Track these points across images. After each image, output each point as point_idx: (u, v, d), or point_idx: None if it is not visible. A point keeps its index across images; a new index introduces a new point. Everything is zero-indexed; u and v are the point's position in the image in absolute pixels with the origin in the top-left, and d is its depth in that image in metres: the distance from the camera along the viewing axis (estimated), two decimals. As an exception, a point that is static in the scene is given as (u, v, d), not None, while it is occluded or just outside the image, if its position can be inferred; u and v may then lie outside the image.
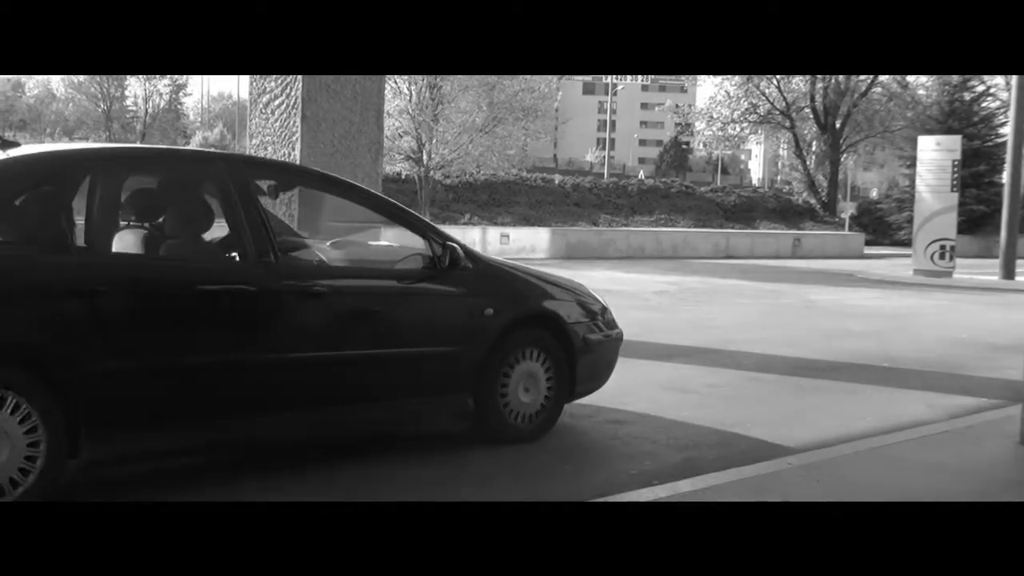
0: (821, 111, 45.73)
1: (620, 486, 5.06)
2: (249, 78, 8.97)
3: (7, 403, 4.19)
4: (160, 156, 6.23)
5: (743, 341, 10.76)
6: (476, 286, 5.77)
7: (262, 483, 5.06)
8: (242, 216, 5.06)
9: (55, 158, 5.07)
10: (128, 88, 76.68)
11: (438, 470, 5.45)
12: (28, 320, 4.33)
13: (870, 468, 5.48)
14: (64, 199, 4.65)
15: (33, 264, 4.43)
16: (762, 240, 33.60)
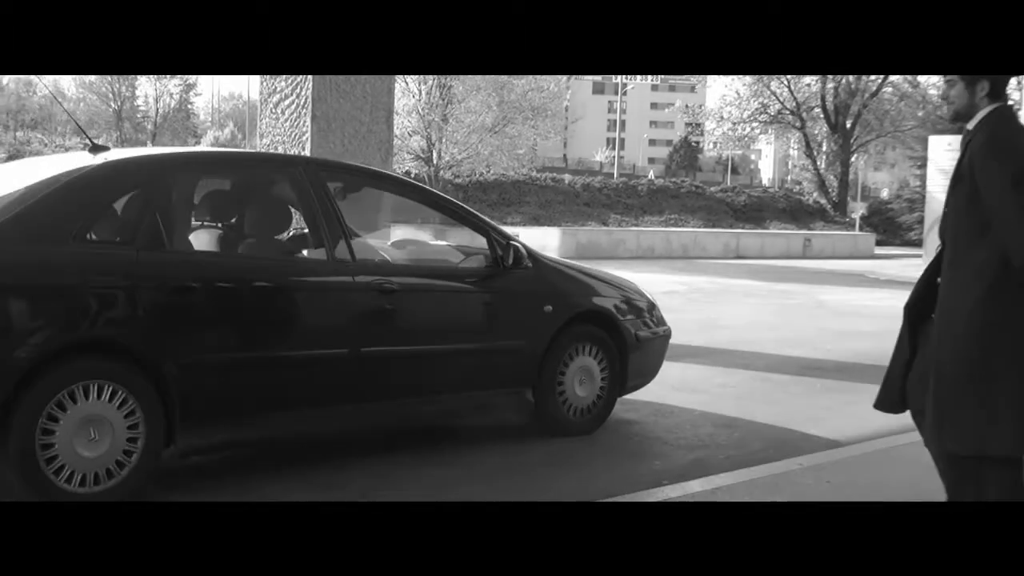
0: (832, 111, 45.61)
1: (632, 485, 5.05)
2: (259, 78, 8.98)
3: (110, 394, 4.44)
4: (244, 159, 6.53)
5: (754, 341, 10.73)
6: (536, 284, 6.01)
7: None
8: (320, 216, 5.31)
9: (149, 162, 5.31)
10: (139, 88, 76.96)
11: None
12: (128, 315, 4.60)
13: (881, 469, 5.47)
14: (158, 200, 4.87)
15: (131, 263, 4.64)
16: (772, 240, 33.51)
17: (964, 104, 3.79)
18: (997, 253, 3.58)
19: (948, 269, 3.80)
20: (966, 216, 3.70)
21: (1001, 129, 3.69)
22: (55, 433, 4.31)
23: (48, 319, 4.43)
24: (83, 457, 4.38)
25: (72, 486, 4.35)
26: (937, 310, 3.84)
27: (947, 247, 3.82)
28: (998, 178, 3.57)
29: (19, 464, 4.27)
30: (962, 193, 3.71)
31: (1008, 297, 3.60)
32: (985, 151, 3.64)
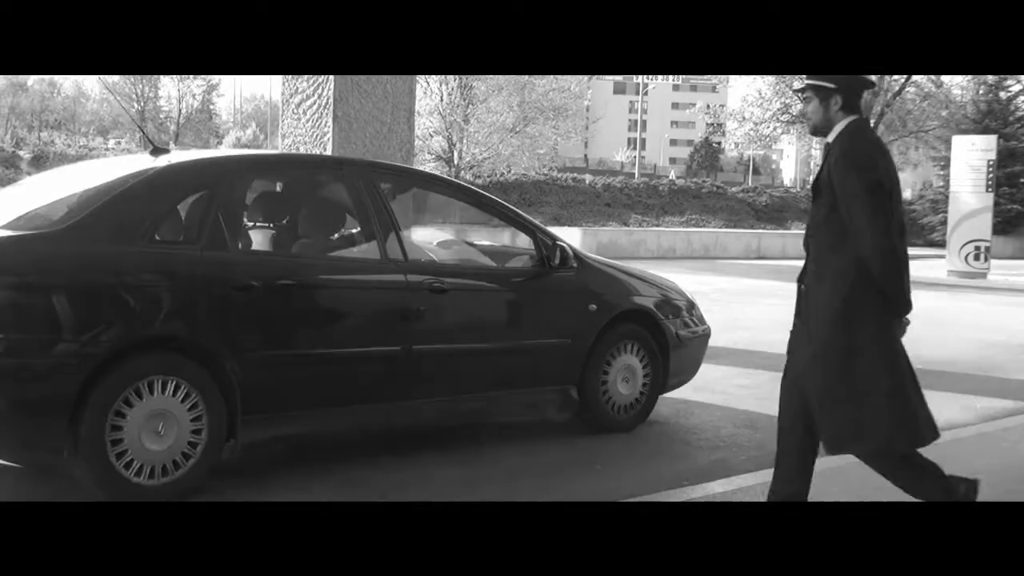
0: (854, 111, 45.42)
1: (653, 486, 5.05)
2: (281, 79, 9.01)
3: (175, 389, 4.59)
4: (301, 161, 6.65)
5: (775, 342, 10.62)
6: (581, 283, 6.14)
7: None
8: (374, 216, 5.45)
9: (211, 164, 5.46)
10: (162, 89, 77.36)
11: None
12: (192, 313, 4.74)
13: (903, 471, 5.43)
14: (220, 201, 4.99)
15: (196, 262, 4.78)
16: (794, 241, 33.29)
17: (820, 119, 3.98)
18: (856, 261, 3.79)
19: (811, 278, 4.00)
20: (827, 226, 3.90)
21: (856, 142, 3.88)
22: (123, 427, 4.46)
23: (118, 317, 4.56)
24: (150, 450, 4.53)
25: (140, 479, 4.50)
26: (802, 318, 4.08)
27: (810, 256, 4.02)
28: (853, 190, 3.76)
29: (90, 457, 4.40)
30: (823, 204, 3.89)
31: (866, 303, 3.82)
32: (842, 164, 3.82)
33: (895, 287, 3.82)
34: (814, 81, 4.01)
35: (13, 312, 4.30)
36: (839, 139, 3.93)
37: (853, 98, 3.99)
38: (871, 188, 3.77)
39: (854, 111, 3.99)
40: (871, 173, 3.81)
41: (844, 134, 3.94)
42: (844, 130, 3.95)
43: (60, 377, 4.34)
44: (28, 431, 4.43)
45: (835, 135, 3.95)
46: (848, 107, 3.97)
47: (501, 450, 5.88)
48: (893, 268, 3.79)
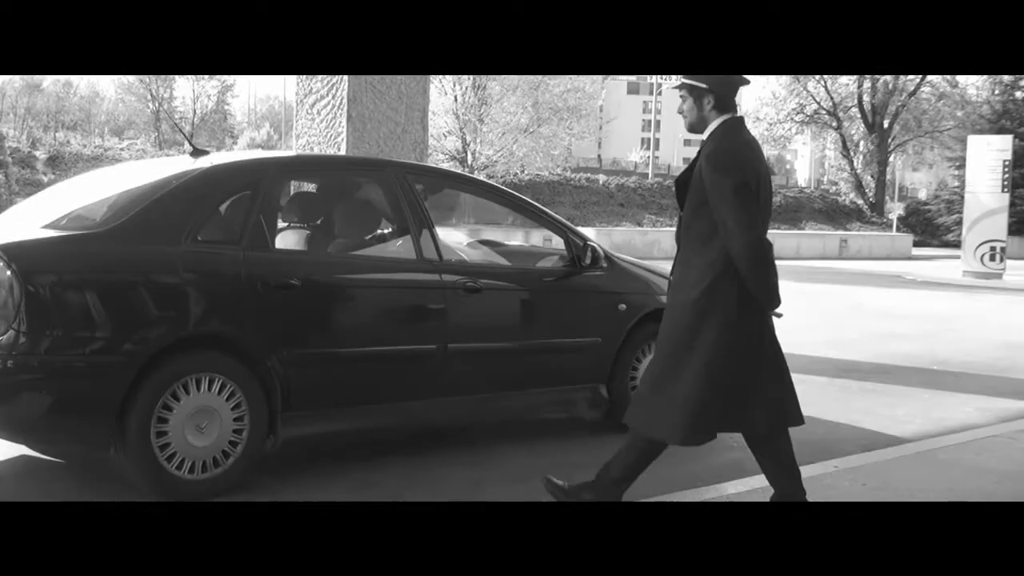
0: (869, 111, 45.22)
1: (667, 487, 5.03)
2: (295, 79, 9.02)
3: (219, 386, 4.70)
4: (339, 162, 6.70)
5: (789, 343, 10.58)
6: (611, 283, 6.22)
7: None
8: (410, 217, 5.54)
9: (252, 165, 5.54)
10: (177, 89, 77.55)
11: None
12: (235, 312, 4.83)
13: (917, 472, 5.42)
14: (261, 202, 5.10)
15: (238, 262, 4.86)
16: (808, 241, 33.30)
17: (695, 118, 4.18)
18: (723, 256, 3.98)
19: (679, 267, 4.18)
20: (696, 220, 4.07)
21: (726, 142, 4.04)
22: (169, 422, 4.56)
23: (164, 316, 4.66)
24: (194, 446, 4.63)
25: (183, 473, 4.61)
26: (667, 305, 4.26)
27: (680, 248, 4.19)
28: (721, 188, 3.94)
29: (136, 453, 4.50)
30: (694, 199, 4.06)
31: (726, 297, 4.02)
32: (711, 162, 3.99)
33: (761, 282, 4.03)
34: (688, 81, 4.15)
35: (61, 311, 4.39)
36: (711, 137, 4.09)
37: (726, 97, 4.13)
38: (737, 188, 3.93)
39: (728, 109, 4.13)
40: (738, 173, 3.96)
41: (717, 132, 4.09)
42: (717, 128, 4.10)
43: (108, 374, 4.43)
44: (76, 427, 4.53)
45: (709, 133, 4.12)
46: (721, 106, 4.12)
47: (513, 451, 5.88)
48: (759, 265, 3.99)
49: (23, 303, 4.27)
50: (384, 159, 7.59)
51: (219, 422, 4.70)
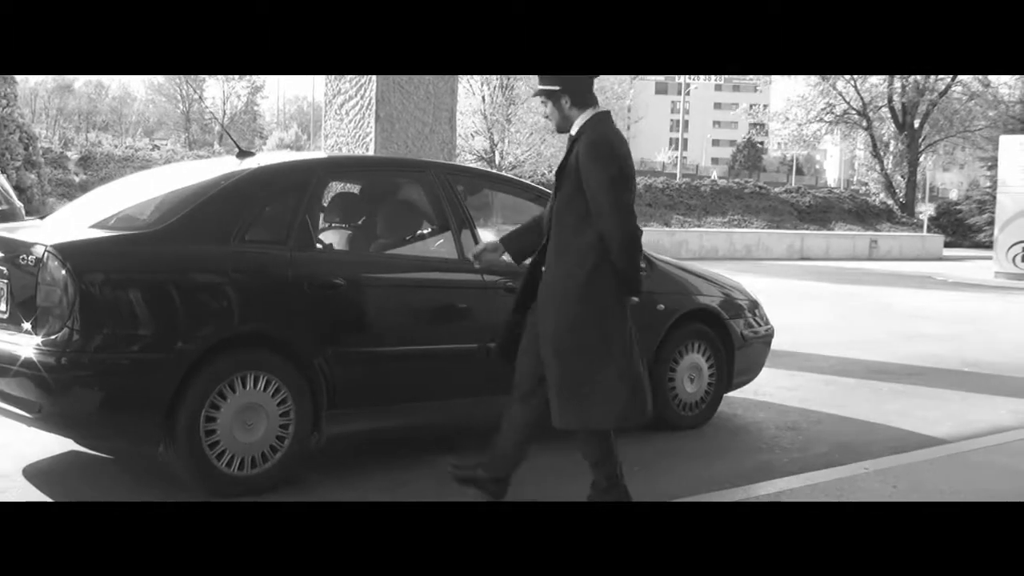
0: (899, 110, 44.84)
1: (694, 489, 5.02)
2: (324, 80, 9.05)
3: (265, 384, 4.76)
4: (382, 164, 6.78)
5: (818, 344, 10.61)
6: (650, 283, 6.14)
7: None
8: (452, 218, 5.61)
9: (298, 166, 5.59)
10: (207, 90, 78.09)
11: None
12: (282, 311, 4.90)
13: (948, 474, 5.38)
14: (308, 203, 5.18)
15: (285, 262, 4.94)
16: (838, 241, 33.09)
17: (558, 119, 4.37)
18: (597, 242, 4.16)
19: (554, 255, 4.29)
20: (569, 210, 4.24)
21: (600, 135, 4.22)
22: (217, 419, 4.63)
23: (212, 314, 4.73)
24: (241, 443, 4.70)
25: (231, 469, 4.68)
26: (542, 294, 4.33)
27: (553, 236, 4.32)
28: (598, 178, 4.14)
29: (186, 449, 4.57)
30: (568, 188, 4.23)
31: (606, 281, 4.19)
32: (588, 154, 4.17)
33: (634, 268, 4.24)
34: (542, 87, 4.35)
35: (113, 309, 4.46)
36: (584, 131, 4.25)
37: (581, 94, 4.31)
38: (615, 177, 4.16)
39: (588, 104, 4.31)
40: (617, 162, 4.19)
41: (587, 127, 4.25)
42: (587, 123, 4.27)
43: (158, 372, 4.51)
44: (126, 423, 4.61)
45: (577, 128, 4.28)
46: (580, 102, 4.30)
47: (542, 450, 5.86)
48: (635, 251, 4.21)
49: (77, 302, 4.35)
50: (426, 160, 7.61)
51: (266, 419, 4.77)
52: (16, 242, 4.73)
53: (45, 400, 4.41)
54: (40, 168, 25.18)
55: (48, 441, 5.35)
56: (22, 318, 4.53)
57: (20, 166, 23.70)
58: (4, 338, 4.58)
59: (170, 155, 34.59)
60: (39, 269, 4.45)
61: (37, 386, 4.39)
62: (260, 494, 4.67)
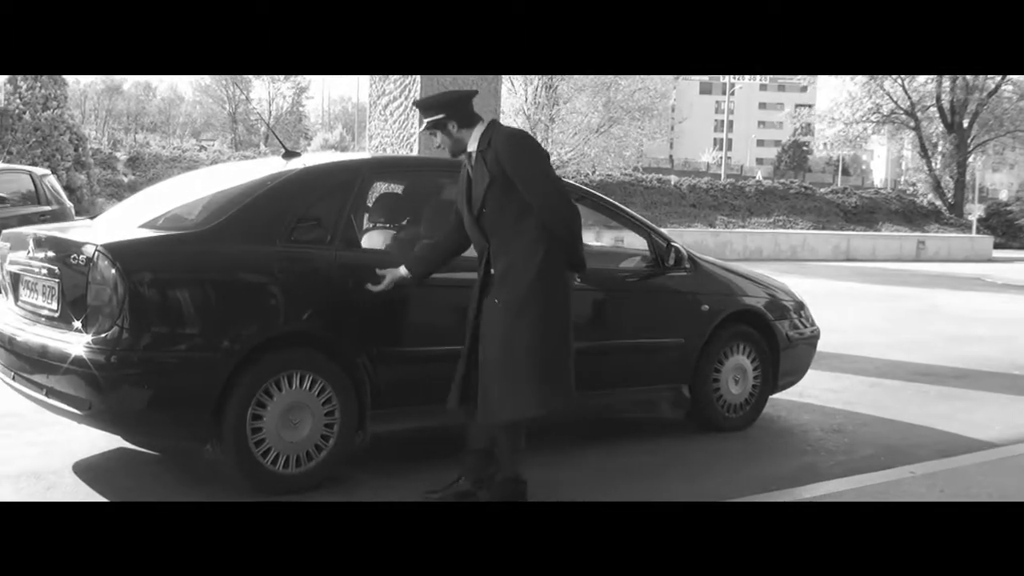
0: (947, 110, 44.32)
1: (739, 491, 4.99)
2: (369, 81, 9.10)
3: (311, 383, 4.81)
4: (426, 164, 6.75)
5: (864, 345, 10.52)
6: (694, 283, 6.26)
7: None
8: None
9: (343, 167, 5.60)
10: (253, 91, 78.78)
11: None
12: (327, 310, 4.93)
13: (996, 478, 5.30)
14: (352, 203, 5.24)
15: (331, 262, 4.98)
16: (884, 242, 32.77)
17: (452, 145, 4.53)
18: (540, 233, 4.31)
19: (499, 259, 4.42)
20: (503, 212, 4.37)
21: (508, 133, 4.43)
22: (263, 418, 4.68)
23: (259, 313, 4.78)
24: (286, 441, 4.75)
25: (277, 467, 4.74)
26: (497, 293, 4.42)
27: (493, 242, 4.44)
28: (533, 168, 4.33)
29: (233, 447, 4.63)
30: (495, 191, 4.35)
31: (558, 269, 4.38)
32: (511, 150, 4.33)
33: (579, 243, 4.45)
34: (427, 118, 4.51)
35: (162, 308, 4.51)
36: (485, 137, 4.41)
37: (464, 113, 4.48)
38: (543, 157, 4.41)
39: (474, 121, 4.50)
40: (543, 151, 4.46)
41: (487, 133, 4.43)
42: (484, 132, 4.44)
43: (205, 370, 4.55)
44: (174, 421, 4.66)
45: (476, 143, 4.45)
46: (466, 122, 4.48)
47: (586, 452, 5.87)
48: (578, 225, 4.39)
49: (127, 301, 4.40)
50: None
51: (311, 418, 4.80)
52: (67, 242, 4.80)
53: (95, 398, 4.46)
54: (89, 169, 25.55)
55: (97, 438, 5.43)
56: (73, 316, 4.60)
57: (70, 167, 24.06)
58: (55, 336, 4.65)
59: (216, 156, 34.96)
60: (89, 268, 4.50)
61: (87, 384, 4.44)
62: (304, 492, 4.70)
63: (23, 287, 5.10)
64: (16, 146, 23.58)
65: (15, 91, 24.06)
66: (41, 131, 23.94)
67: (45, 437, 5.60)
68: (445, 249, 4.92)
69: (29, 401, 4.98)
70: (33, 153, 23.37)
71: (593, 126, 38.97)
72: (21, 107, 23.96)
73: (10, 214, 10.83)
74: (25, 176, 12.12)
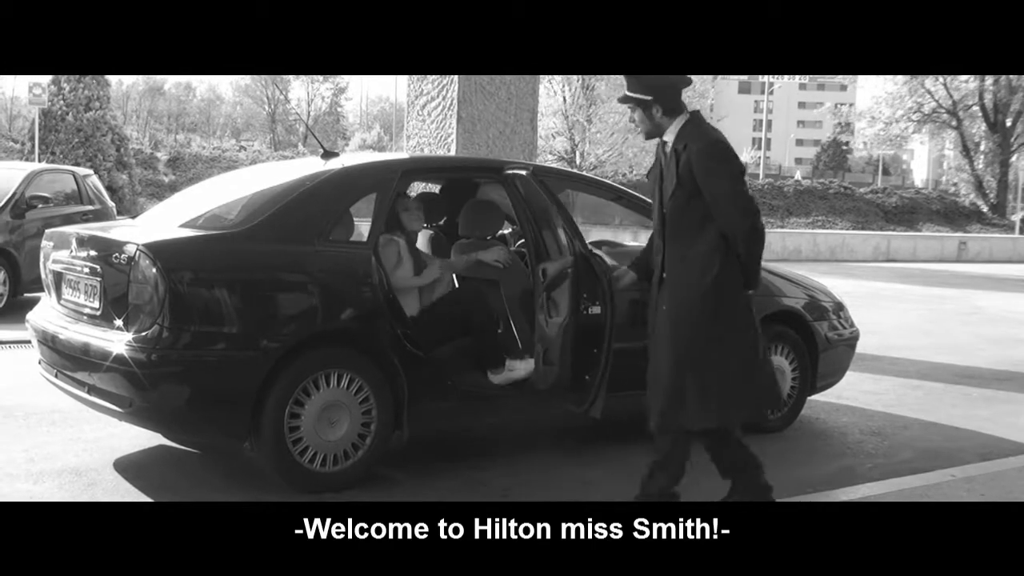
0: (990, 109, 43.78)
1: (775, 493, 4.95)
2: (407, 81, 9.14)
3: (348, 382, 4.82)
4: (463, 164, 6.83)
5: (905, 347, 10.41)
6: None
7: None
8: (532, 217, 5.48)
9: (381, 167, 5.66)
10: (291, 92, 79.25)
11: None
12: (364, 309, 4.97)
13: (1041, 482, 5.23)
14: (390, 203, 5.30)
15: (367, 262, 5.00)
16: (925, 243, 32.42)
17: (649, 127, 4.30)
18: (718, 244, 4.16)
19: (673, 264, 4.25)
20: (684, 216, 4.20)
21: (712, 138, 4.20)
22: (301, 417, 4.71)
23: (297, 312, 4.83)
24: (324, 439, 4.78)
25: (314, 466, 4.76)
26: (670, 305, 4.25)
27: (670, 247, 4.27)
28: (720, 179, 4.13)
29: (271, 445, 4.66)
30: (680, 194, 4.17)
31: (733, 281, 4.21)
32: (710, 155, 4.14)
33: (757, 264, 4.29)
34: (632, 95, 4.29)
35: (202, 307, 4.56)
36: (684, 136, 4.20)
37: (672, 101, 4.26)
38: (737, 176, 4.20)
39: (679, 111, 4.26)
40: (736, 162, 4.24)
41: (687, 130, 4.22)
42: (685, 126, 4.24)
43: (244, 369, 4.59)
44: (213, 419, 4.71)
45: (674, 134, 4.24)
46: (671, 111, 4.25)
47: (625, 450, 5.85)
48: (760, 247, 4.25)
49: (167, 299, 4.45)
50: (510, 160, 7.65)
51: (348, 416, 4.83)
52: (109, 241, 4.86)
53: (136, 395, 4.52)
54: (131, 169, 25.83)
55: (138, 436, 5.49)
56: (114, 315, 4.66)
57: (112, 167, 24.34)
58: (97, 334, 4.71)
59: (256, 156, 35.20)
60: (131, 267, 4.56)
61: (128, 381, 4.50)
62: (342, 491, 4.73)
63: (65, 286, 5.17)
64: (59, 147, 23.88)
65: (58, 92, 24.36)
66: (84, 132, 24.24)
67: (87, 435, 5.66)
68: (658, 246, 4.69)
69: (71, 398, 5.04)
70: (76, 154, 23.66)
71: (630, 127, 38.83)
72: (64, 108, 24.26)
73: (53, 214, 10.96)
74: (68, 176, 12.26)
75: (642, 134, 4.41)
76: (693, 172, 4.15)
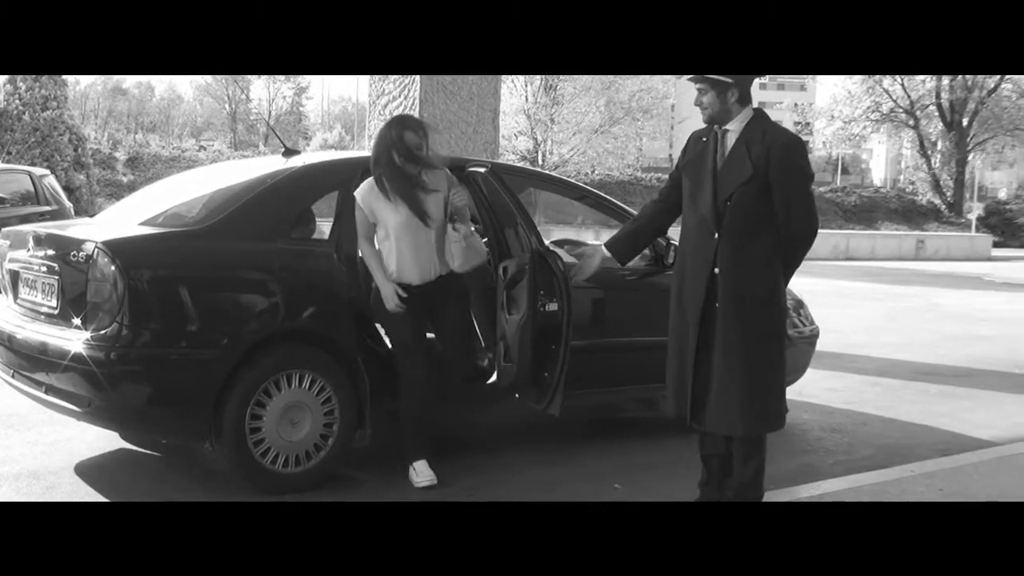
0: (947, 108, 44.28)
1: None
2: (368, 81, 9.10)
3: (310, 382, 4.81)
4: None
5: (864, 345, 10.51)
6: None
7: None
8: (494, 216, 5.46)
9: (343, 165, 5.59)
10: (252, 91, 78.75)
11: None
12: (326, 309, 4.94)
13: (996, 477, 5.30)
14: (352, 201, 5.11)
15: (329, 259, 5.00)
16: (884, 241, 32.76)
17: (719, 110, 4.21)
18: (777, 248, 4.14)
19: (729, 262, 4.13)
20: (748, 212, 4.11)
21: (790, 136, 4.21)
22: (262, 417, 4.68)
23: (258, 311, 4.77)
24: (286, 440, 4.75)
25: (276, 467, 4.73)
26: (724, 298, 4.14)
27: (724, 241, 4.14)
28: (800, 178, 4.14)
29: (232, 446, 4.62)
30: (753, 191, 4.09)
31: (782, 286, 4.22)
32: (788, 155, 4.10)
33: (797, 267, 4.33)
34: (713, 75, 4.19)
35: (161, 305, 4.50)
36: (756, 128, 4.16)
37: (747, 89, 4.24)
38: (812, 179, 4.22)
39: (749, 100, 4.24)
40: (810, 165, 4.23)
41: (758, 123, 4.18)
42: (753, 120, 4.19)
43: (204, 368, 4.55)
44: (173, 419, 4.65)
45: (741, 124, 4.19)
46: (743, 99, 4.22)
47: (592, 450, 5.86)
48: (806, 253, 4.26)
49: (126, 297, 4.40)
50: (468, 159, 7.64)
51: (310, 417, 4.80)
52: (67, 239, 4.81)
53: (94, 394, 4.46)
54: (89, 169, 25.52)
55: (97, 439, 5.43)
56: (72, 314, 4.61)
57: (69, 167, 24.03)
58: (55, 333, 4.66)
59: (216, 155, 34.95)
60: (89, 265, 4.51)
61: (87, 380, 4.44)
62: (304, 492, 4.70)
63: (22, 285, 5.11)
64: (15, 146, 23.55)
65: (15, 92, 24.02)
66: (40, 131, 23.91)
67: (46, 437, 5.60)
68: (648, 232, 4.75)
69: (29, 400, 4.98)
70: (32, 153, 23.34)
71: (594, 126, 38.91)
72: (20, 107, 23.93)
73: (9, 214, 10.85)
74: (24, 176, 12.13)
75: (705, 118, 4.30)
76: (768, 166, 4.08)
